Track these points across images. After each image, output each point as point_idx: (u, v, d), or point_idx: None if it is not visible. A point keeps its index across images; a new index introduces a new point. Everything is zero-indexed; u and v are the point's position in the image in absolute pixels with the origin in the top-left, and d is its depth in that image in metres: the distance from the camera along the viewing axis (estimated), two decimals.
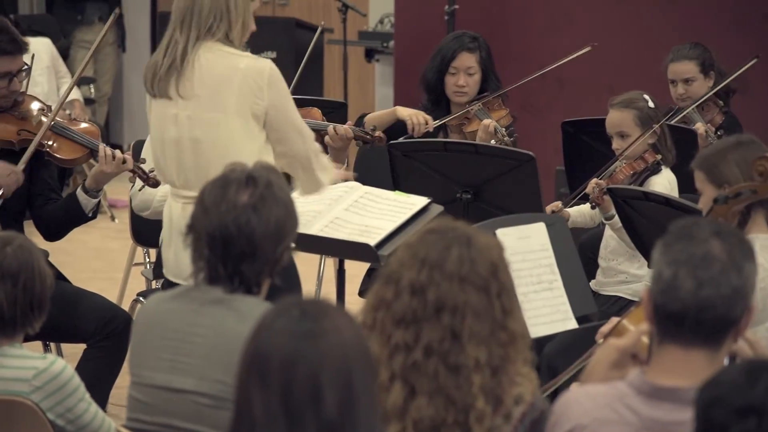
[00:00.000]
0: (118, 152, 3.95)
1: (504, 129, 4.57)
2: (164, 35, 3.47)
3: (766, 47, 6.49)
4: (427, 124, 4.60)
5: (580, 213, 4.32)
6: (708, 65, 4.94)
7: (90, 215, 4.06)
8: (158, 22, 9.27)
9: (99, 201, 4.07)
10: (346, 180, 3.88)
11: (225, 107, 3.37)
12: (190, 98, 3.39)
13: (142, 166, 3.98)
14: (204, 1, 3.38)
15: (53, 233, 4.14)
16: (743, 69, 4.90)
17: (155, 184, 3.94)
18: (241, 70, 3.36)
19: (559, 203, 4.25)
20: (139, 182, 4.03)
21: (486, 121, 4.59)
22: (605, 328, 3.25)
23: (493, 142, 4.50)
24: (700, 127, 4.67)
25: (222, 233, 2.56)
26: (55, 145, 4.03)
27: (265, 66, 3.39)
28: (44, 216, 4.09)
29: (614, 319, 3.32)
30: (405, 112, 4.66)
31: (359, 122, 4.62)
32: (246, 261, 2.57)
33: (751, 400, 1.81)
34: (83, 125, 4.15)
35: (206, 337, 2.59)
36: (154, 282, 4.65)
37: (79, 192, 4.03)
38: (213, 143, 3.38)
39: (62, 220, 4.08)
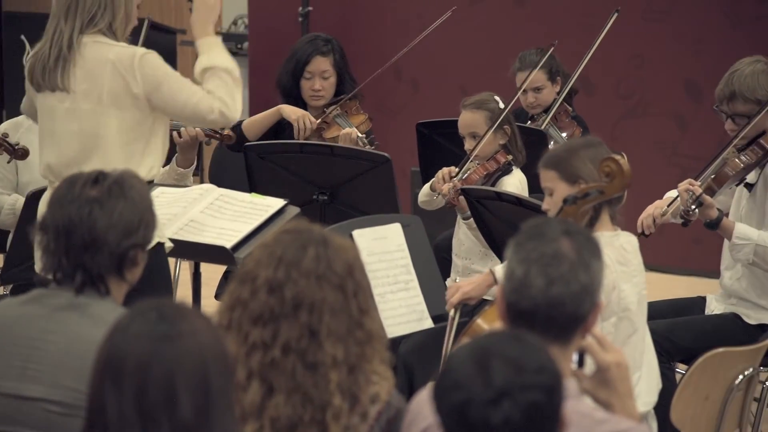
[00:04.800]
0: None
1: (365, 136, 4.60)
2: (48, 26, 3.46)
3: (609, 45, 6.69)
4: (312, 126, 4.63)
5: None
6: (555, 72, 5.01)
7: None
8: (3, 23, 9.05)
9: None
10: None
11: (99, 98, 3.40)
12: (71, 91, 3.41)
13: (6, 139, 4.01)
14: None
15: None
16: (545, 57, 4.78)
17: (23, 155, 3.97)
18: (111, 61, 3.40)
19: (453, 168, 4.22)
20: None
21: (347, 130, 4.61)
22: (454, 299, 3.33)
23: None
24: None
25: (65, 224, 2.56)
26: None
27: (134, 52, 3.42)
28: None
29: (456, 285, 3.39)
30: (293, 115, 4.65)
31: (237, 130, 4.58)
32: (88, 252, 2.55)
33: (494, 388, 1.86)
34: None
35: (58, 344, 2.54)
36: (1, 288, 4.55)
37: None
38: (89, 135, 3.41)
39: None
